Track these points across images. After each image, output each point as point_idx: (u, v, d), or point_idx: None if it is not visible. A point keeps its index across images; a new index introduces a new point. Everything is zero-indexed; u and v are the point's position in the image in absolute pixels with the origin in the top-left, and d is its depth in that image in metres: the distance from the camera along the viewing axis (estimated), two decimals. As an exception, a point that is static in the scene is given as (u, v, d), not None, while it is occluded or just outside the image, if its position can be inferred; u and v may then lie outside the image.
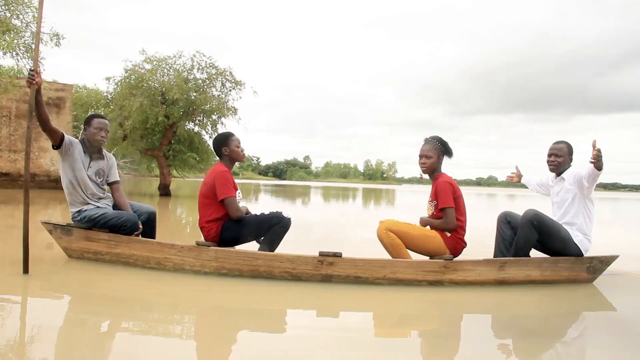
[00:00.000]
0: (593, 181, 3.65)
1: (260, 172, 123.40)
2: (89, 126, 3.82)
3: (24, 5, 9.56)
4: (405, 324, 2.90)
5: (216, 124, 15.91)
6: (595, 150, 3.45)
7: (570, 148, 3.93)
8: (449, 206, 3.59)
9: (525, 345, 2.49)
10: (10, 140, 15.09)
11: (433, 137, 3.84)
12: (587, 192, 3.73)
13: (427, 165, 3.76)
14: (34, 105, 3.35)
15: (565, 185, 3.82)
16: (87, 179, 3.78)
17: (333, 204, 17.38)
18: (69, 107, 16.33)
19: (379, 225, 3.70)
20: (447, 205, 3.59)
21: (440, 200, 3.62)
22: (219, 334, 2.48)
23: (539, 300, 3.36)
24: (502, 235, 3.85)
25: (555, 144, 3.96)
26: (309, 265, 3.45)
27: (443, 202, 3.60)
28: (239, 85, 15.51)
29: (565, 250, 3.70)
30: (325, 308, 3.04)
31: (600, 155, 3.48)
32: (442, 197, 3.60)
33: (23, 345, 2.16)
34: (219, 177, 3.58)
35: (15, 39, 9.40)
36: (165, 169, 15.88)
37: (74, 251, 3.86)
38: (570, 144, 3.94)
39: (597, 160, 3.48)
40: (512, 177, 4.52)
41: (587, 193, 3.75)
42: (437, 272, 3.50)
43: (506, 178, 4.59)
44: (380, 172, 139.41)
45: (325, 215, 11.48)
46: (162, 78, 14.63)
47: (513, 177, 4.51)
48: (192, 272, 3.56)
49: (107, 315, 2.68)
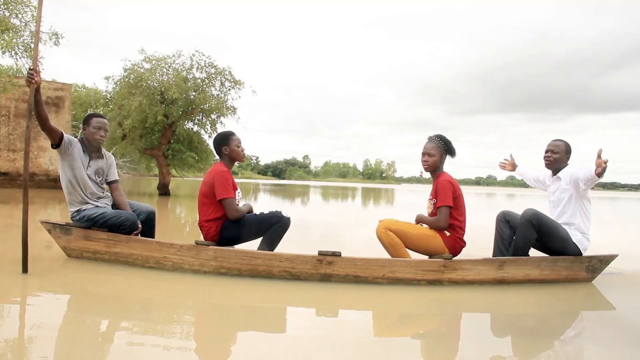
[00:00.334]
0: (590, 184, 3.64)
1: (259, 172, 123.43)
2: (88, 125, 3.82)
3: (23, 4, 9.55)
4: (404, 324, 2.90)
5: (215, 124, 15.92)
6: (603, 162, 3.42)
7: (568, 147, 3.92)
8: (445, 205, 3.59)
9: (524, 344, 2.49)
10: (9, 139, 15.07)
11: (437, 135, 3.84)
12: (582, 192, 3.72)
13: (429, 163, 3.76)
14: (33, 104, 3.35)
15: (562, 185, 3.81)
16: (87, 178, 3.77)
17: (332, 203, 17.39)
18: (68, 106, 16.32)
19: (378, 225, 3.71)
20: (444, 204, 3.59)
21: (439, 199, 3.62)
22: (218, 333, 2.48)
23: (538, 300, 3.36)
24: (501, 234, 3.85)
25: (554, 141, 3.96)
26: (308, 265, 3.45)
27: (441, 201, 3.60)
28: (238, 85, 15.52)
29: (564, 249, 3.70)
30: (325, 307, 3.04)
31: (605, 168, 3.47)
32: (441, 196, 3.61)
33: (22, 344, 2.16)
34: (218, 177, 3.58)
35: (14, 38, 9.39)
36: (164, 168, 15.87)
37: (73, 250, 3.86)
38: (568, 144, 3.94)
39: (602, 172, 3.47)
40: (504, 165, 4.43)
41: (583, 193, 3.74)
42: (436, 271, 3.50)
43: (499, 164, 4.48)
44: (380, 172, 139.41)
45: (324, 215, 11.48)
46: (161, 77, 14.63)
47: (505, 165, 4.42)
48: (191, 272, 3.56)
49: (106, 315, 2.68)
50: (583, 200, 3.76)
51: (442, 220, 3.60)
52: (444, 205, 3.59)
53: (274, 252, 3.51)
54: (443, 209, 3.60)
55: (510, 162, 4.40)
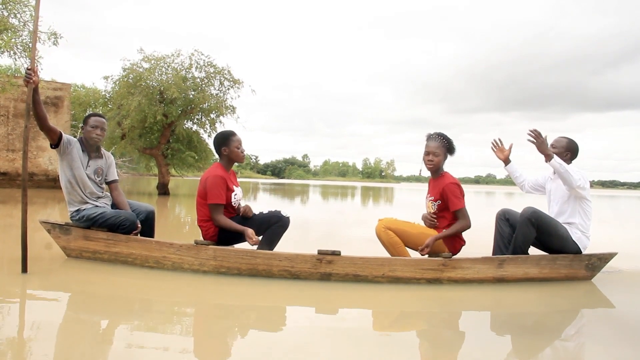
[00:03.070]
0: (562, 176, 3.53)
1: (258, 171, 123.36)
2: (86, 124, 3.82)
3: (22, 4, 9.54)
4: (404, 322, 2.90)
5: (214, 123, 15.91)
6: (531, 132, 3.53)
7: (570, 145, 3.84)
8: (462, 207, 3.58)
9: (524, 343, 2.49)
10: (8, 139, 15.06)
11: (439, 134, 3.76)
12: (574, 191, 3.65)
13: (434, 162, 3.70)
14: (32, 104, 3.35)
15: (560, 183, 3.77)
16: (86, 178, 3.77)
17: (332, 202, 17.38)
18: (67, 106, 16.31)
19: (378, 224, 3.71)
20: (460, 207, 3.58)
21: (451, 204, 3.60)
22: (217, 332, 2.48)
23: (538, 298, 3.37)
24: (501, 233, 3.84)
25: (558, 137, 3.92)
26: (307, 264, 3.45)
27: (455, 205, 3.58)
28: (237, 84, 15.52)
29: (563, 247, 3.70)
30: (324, 306, 3.04)
31: (538, 140, 3.53)
32: (453, 200, 3.58)
33: (22, 344, 2.15)
34: (210, 181, 3.56)
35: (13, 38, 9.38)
36: (163, 167, 15.86)
37: (72, 250, 3.86)
38: (573, 142, 3.85)
39: (539, 146, 3.52)
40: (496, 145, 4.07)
41: (578, 193, 3.66)
42: (435, 270, 3.50)
43: (491, 142, 4.10)
44: (379, 171, 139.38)
45: (324, 214, 11.48)
46: (160, 77, 14.61)
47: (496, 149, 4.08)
48: (191, 271, 3.56)
49: (106, 315, 2.68)
50: (582, 200, 3.73)
51: (467, 221, 3.60)
52: (460, 207, 3.58)
53: (273, 252, 3.51)
54: (463, 211, 3.59)
55: (501, 148, 4.06)
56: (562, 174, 3.53)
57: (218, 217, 3.54)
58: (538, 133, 3.57)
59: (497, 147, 4.10)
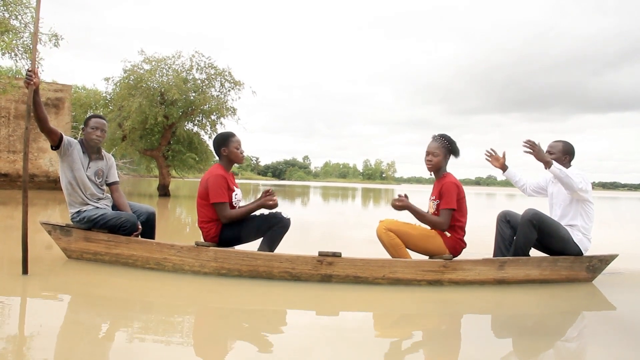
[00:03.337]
0: (562, 180, 3.54)
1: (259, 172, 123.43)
2: (86, 126, 3.83)
3: (23, 5, 9.56)
4: (405, 324, 2.90)
5: (215, 124, 15.92)
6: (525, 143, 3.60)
7: (566, 148, 3.85)
8: (449, 208, 3.58)
9: (525, 344, 2.49)
10: (9, 141, 15.07)
11: (441, 135, 3.79)
12: (576, 195, 3.64)
13: (432, 162, 3.73)
14: (32, 105, 3.35)
15: (561, 187, 3.75)
16: (87, 180, 3.77)
17: (332, 203, 17.38)
18: (67, 107, 16.32)
19: (379, 225, 3.70)
20: (448, 207, 3.58)
21: (443, 200, 3.61)
22: (218, 334, 2.48)
23: (539, 300, 3.36)
24: (502, 234, 3.84)
25: (553, 141, 3.93)
26: (308, 265, 3.44)
27: (445, 203, 3.59)
28: (237, 85, 15.52)
29: (564, 249, 3.69)
30: (325, 308, 3.04)
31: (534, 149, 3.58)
32: (446, 198, 3.59)
33: (22, 345, 2.16)
34: (212, 180, 3.57)
35: (14, 40, 9.40)
36: (164, 169, 15.87)
37: (73, 252, 3.86)
38: (568, 144, 3.87)
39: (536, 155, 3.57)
40: (489, 155, 4.05)
41: (580, 196, 3.66)
42: (436, 271, 3.50)
43: (484, 154, 4.07)
44: (380, 172, 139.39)
45: (324, 215, 11.47)
46: (161, 78, 14.61)
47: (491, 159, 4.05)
48: (192, 273, 3.56)
49: (107, 316, 2.68)
50: (585, 202, 3.72)
51: (444, 222, 3.59)
52: (447, 208, 3.58)
53: (274, 253, 3.51)
54: (446, 211, 3.59)
55: (495, 157, 4.04)
56: (563, 179, 3.54)
57: (226, 213, 3.55)
58: (532, 142, 3.63)
59: (491, 156, 4.08)
